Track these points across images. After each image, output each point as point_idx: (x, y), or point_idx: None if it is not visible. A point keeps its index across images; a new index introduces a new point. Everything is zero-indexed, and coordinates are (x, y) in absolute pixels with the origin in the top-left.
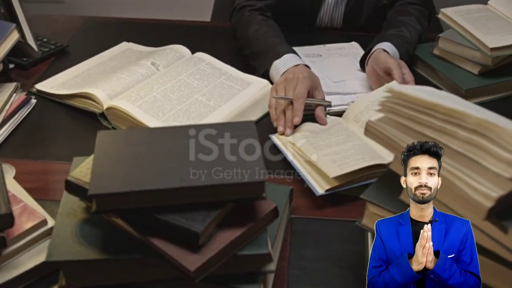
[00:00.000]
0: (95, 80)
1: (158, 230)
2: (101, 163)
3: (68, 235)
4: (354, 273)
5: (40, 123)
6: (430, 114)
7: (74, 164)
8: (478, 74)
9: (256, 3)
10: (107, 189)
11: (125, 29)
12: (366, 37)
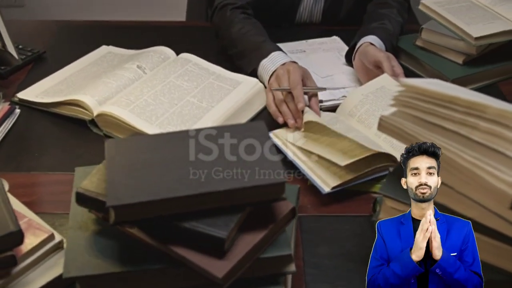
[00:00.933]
0: (81, 86)
1: (179, 238)
2: (114, 173)
3: (83, 249)
4: None
5: (27, 134)
6: (449, 107)
7: (78, 175)
8: (462, 64)
9: (237, 1)
10: (126, 200)
11: (101, 32)
12: (346, 31)
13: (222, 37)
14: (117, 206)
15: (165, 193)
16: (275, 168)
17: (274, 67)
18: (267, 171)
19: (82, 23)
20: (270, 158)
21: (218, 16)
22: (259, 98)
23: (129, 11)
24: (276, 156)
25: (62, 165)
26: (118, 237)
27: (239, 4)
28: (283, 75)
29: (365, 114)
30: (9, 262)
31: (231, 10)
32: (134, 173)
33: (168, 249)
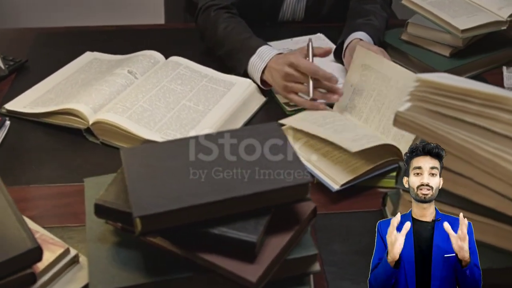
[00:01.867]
0: (72, 95)
1: (207, 244)
2: (136, 182)
3: (106, 262)
4: None
5: (21, 146)
6: (466, 100)
7: (88, 186)
8: (449, 56)
9: (221, 1)
10: (153, 209)
11: (81, 38)
12: (329, 28)
13: (208, 38)
14: (145, 216)
15: (193, 200)
16: (297, 168)
17: (264, 63)
18: (290, 172)
19: (60, 29)
20: (291, 159)
21: (203, 18)
22: (254, 99)
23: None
24: (297, 156)
25: (62, 177)
26: (141, 247)
27: (224, 4)
28: (290, 71)
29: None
30: (29, 280)
31: (215, 10)
32: (156, 181)
33: (195, 257)
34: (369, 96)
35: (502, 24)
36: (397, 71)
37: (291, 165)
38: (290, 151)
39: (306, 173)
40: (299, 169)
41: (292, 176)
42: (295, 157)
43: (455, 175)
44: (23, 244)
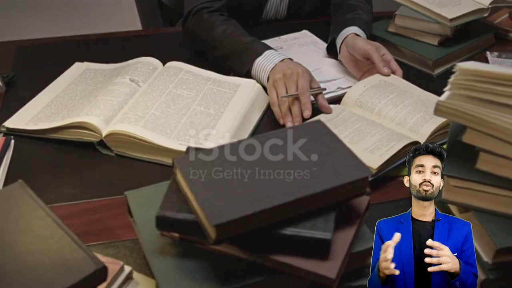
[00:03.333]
0: (76, 108)
1: (279, 246)
2: (201, 191)
3: (176, 275)
4: None
5: (31, 165)
6: (509, 85)
7: (133, 199)
8: (438, 45)
9: (212, 4)
10: (229, 216)
11: (64, 49)
12: (312, 24)
13: (201, 41)
14: (221, 223)
15: (266, 203)
16: (355, 163)
17: (272, 64)
18: (350, 167)
19: (41, 41)
20: (346, 154)
21: (194, 21)
22: (261, 99)
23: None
24: (351, 151)
25: (84, 193)
26: (205, 257)
27: (216, 7)
28: (291, 76)
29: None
30: None
31: (208, 13)
32: (221, 188)
33: (267, 260)
34: (384, 95)
35: (484, 11)
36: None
37: (348, 160)
38: (343, 147)
39: (366, 167)
40: (358, 164)
41: (353, 171)
42: (350, 152)
43: (498, 157)
44: (88, 265)
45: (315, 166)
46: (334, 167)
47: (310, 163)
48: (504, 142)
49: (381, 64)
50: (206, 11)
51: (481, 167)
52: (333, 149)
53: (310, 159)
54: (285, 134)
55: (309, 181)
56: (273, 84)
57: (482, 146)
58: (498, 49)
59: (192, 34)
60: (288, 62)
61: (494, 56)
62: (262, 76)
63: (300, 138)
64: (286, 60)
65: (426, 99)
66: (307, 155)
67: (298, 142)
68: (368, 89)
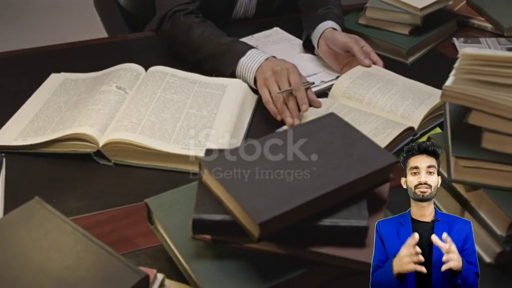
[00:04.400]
0: (66, 120)
1: (316, 238)
2: (238, 190)
3: (219, 277)
4: None
5: (27, 181)
6: None
7: (155, 206)
8: (409, 34)
9: (188, 6)
10: (272, 213)
11: (34, 60)
12: (281, 21)
13: (179, 44)
14: (266, 221)
15: (304, 197)
16: (379, 151)
17: (257, 63)
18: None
19: (7, 54)
20: (367, 143)
21: (169, 24)
22: (249, 98)
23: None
24: (371, 140)
25: (90, 206)
26: (242, 256)
27: (191, 9)
28: (281, 73)
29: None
30: None
31: (184, 16)
32: (255, 186)
33: (306, 252)
34: (371, 86)
35: (449, 0)
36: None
37: (372, 149)
38: (363, 137)
39: (389, 154)
40: (381, 152)
41: (378, 159)
42: (370, 141)
43: (503, 136)
44: (130, 276)
45: (342, 158)
46: (360, 157)
47: (335, 155)
48: (509, 121)
49: (362, 56)
50: (182, 13)
51: (487, 146)
52: (354, 140)
53: (335, 151)
54: (302, 129)
55: (340, 172)
56: (264, 82)
57: (488, 126)
58: (461, 34)
59: (169, 37)
60: (274, 59)
61: (461, 42)
62: (247, 76)
63: (320, 133)
64: (271, 58)
65: (412, 87)
66: (332, 149)
67: (321, 136)
68: (354, 81)
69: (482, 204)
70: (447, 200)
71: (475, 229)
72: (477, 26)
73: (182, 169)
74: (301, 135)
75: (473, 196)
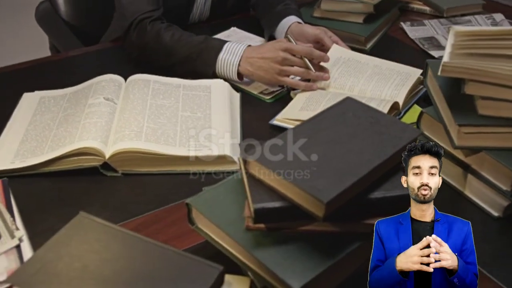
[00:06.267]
0: (62, 136)
1: (367, 211)
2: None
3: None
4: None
5: (37, 203)
6: (504, 38)
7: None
8: (363, 22)
9: (153, 14)
10: (335, 191)
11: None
12: (236, 21)
13: (151, 51)
14: (331, 199)
15: (357, 174)
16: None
17: (238, 56)
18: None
19: None
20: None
21: (137, 32)
22: (234, 96)
23: None
24: (394, 118)
25: (113, 217)
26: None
27: (156, 16)
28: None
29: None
30: None
31: (151, 23)
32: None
33: (361, 226)
34: (347, 74)
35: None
36: (366, 57)
37: (396, 125)
38: (384, 114)
39: (413, 128)
40: (406, 126)
41: (406, 133)
42: (392, 118)
43: (498, 102)
44: (209, 271)
45: (375, 136)
46: (390, 133)
47: (369, 134)
48: (503, 87)
49: (332, 45)
50: (148, 21)
51: (484, 113)
52: (377, 118)
53: (367, 131)
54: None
55: (379, 148)
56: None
57: (484, 94)
58: (404, 19)
59: (139, 46)
60: (253, 48)
61: (408, 26)
62: (230, 70)
63: (346, 115)
64: (249, 48)
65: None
66: (362, 128)
67: (348, 118)
68: (331, 69)
69: (483, 165)
70: (449, 167)
71: (479, 188)
72: (417, 10)
73: (189, 170)
74: (330, 119)
75: (473, 160)
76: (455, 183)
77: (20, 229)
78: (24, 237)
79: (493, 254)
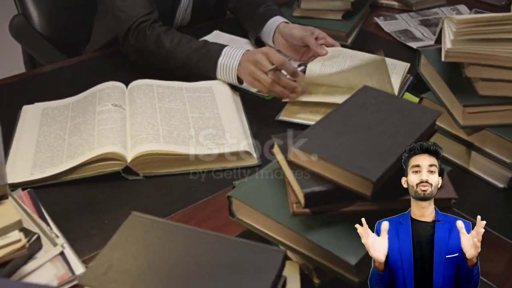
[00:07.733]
0: (79, 144)
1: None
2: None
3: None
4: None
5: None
6: (503, 23)
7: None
8: (342, 19)
9: (150, 17)
10: (381, 170)
11: None
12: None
13: (152, 55)
14: (379, 177)
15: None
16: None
17: (236, 60)
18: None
19: None
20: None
21: (136, 37)
22: (236, 96)
23: None
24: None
25: None
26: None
27: (153, 18)
28: (261, 59)
29: None
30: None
31: (150, 26)
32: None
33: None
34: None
35: None
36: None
37: (416, 108)
38: (402, 100)
39: (432, 109)
40: (426, 109)
41: (427, 114)
42: (410, 102)
43: (496, 82)
44: (274, 255)
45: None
46: (413, 115)
47: (396, 118)
48: (502, 69)
49: (317, 48)
50: (146, 24)
51: (484, 93)
52: (398, 104)
53: (393, 115)
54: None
55: (408, 129)
56: (252, 77)
57: (484, 76)
58: (376, 14)
59: (138, 50)
60: (248, 53)
61: (382, 20)
62: (230, 74)
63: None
64: (245, 53)
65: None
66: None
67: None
68: (324, 63)
69: (485, 142)
70: (452, 146)
71: (483, 163)
72: (386, 5)
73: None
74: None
75: (475, 138)
76: (459, 161)
77: (59, 236)
78: (65, 244)
79: (507, 220)
